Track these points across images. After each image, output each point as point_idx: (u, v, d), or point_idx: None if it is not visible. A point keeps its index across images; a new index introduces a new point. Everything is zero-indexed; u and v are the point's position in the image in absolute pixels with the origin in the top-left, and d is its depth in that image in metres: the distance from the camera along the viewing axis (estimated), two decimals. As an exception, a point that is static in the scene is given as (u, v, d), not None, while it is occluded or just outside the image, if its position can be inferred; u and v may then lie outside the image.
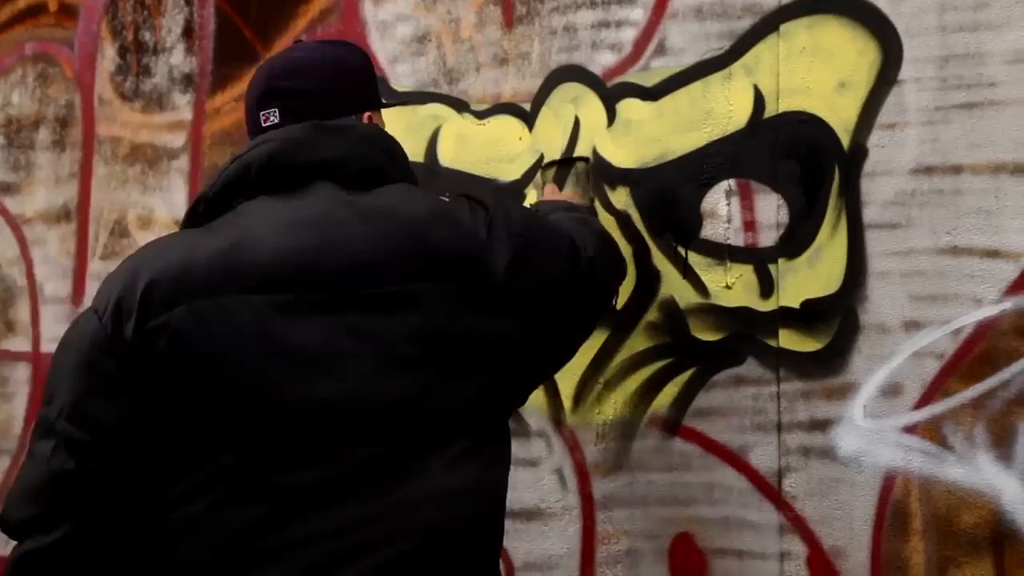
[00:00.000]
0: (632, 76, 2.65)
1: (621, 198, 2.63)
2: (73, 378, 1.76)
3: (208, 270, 1.74)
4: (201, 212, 1.88)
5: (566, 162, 2.71)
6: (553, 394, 2.69)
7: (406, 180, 1.94)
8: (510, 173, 2.77)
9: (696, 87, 2.57)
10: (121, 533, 1.75)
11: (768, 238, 2.48)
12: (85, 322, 1.80)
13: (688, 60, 2.58)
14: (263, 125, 1.92)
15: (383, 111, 2.07)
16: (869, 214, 2.38)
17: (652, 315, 2.58)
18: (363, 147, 1.88)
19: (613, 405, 2.62)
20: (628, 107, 2.64)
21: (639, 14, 2.65)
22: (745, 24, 2.52)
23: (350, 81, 1.98)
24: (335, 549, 1.69)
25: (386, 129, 2.02)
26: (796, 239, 2.44)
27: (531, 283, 1.87)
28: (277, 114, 1.91)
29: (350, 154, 1.86)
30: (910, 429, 2.31)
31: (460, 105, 2.86)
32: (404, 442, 1.73)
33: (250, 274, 1.74)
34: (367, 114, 2.00)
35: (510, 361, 1.86)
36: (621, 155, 2.64)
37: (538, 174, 2.74)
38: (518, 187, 2.75)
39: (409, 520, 1.71)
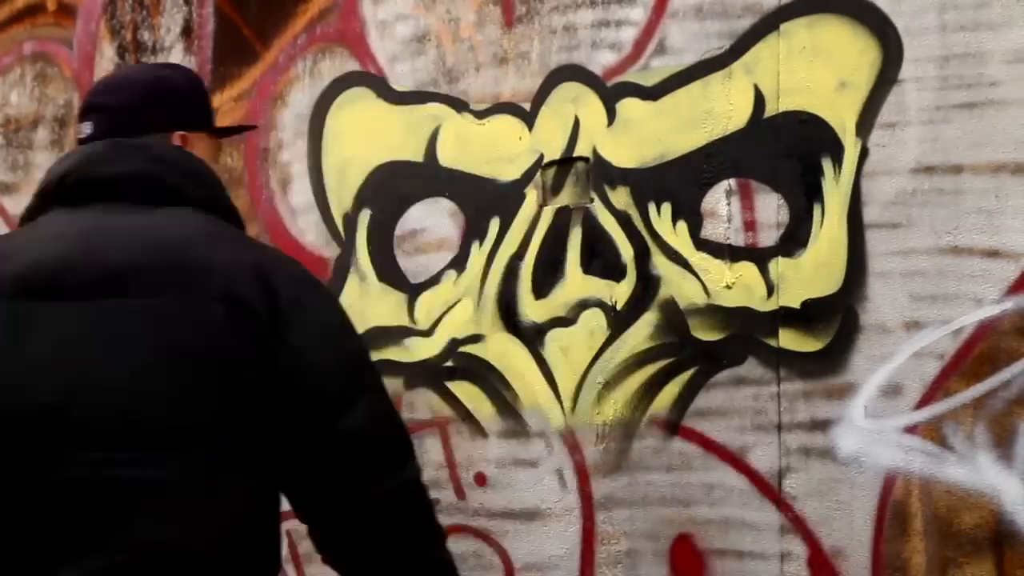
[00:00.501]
0: (632, 75, 2.64)
1: (621, 198, 2.63)
2: None
3: None
4: (24, 217, 1.96)
5: (566, 162, 2.71)
6: (553, 394, 2.69)
7: (208, 205, 1.93)
8: (510, 173, 2.77)
9: (696, 86, 2.56)
10: None
11: (768, 238, 2.48)
12: None
13: (688, 59, 2.58)
14: (78, 137, 1.99)
15: (390, 111, 2.05)
16: (869, 214, 2.37)
17: (652, 315, 2.58)
18: (156, 166, 1.90)
19: (613, 405, 2.62)
20: (628, 107, 2.64)
21: (639, 13, 2.65)
22: (745, 23, 2.52)
23: (162, 100, 2.00)
24: (54, 557, 1.71)
25: (201, 157, 2.01)
26: (796, 239, 2.44)
27: (291, 329, 1.77)
28: (90, 127, 1.96)
29: (140, 172, 1.89)
30: (910, 429, 2.31)
31: (460, 105, 2.85)
32: (131, 449, 1.73)
33: (7, 282, 1.80)
34: (179, 136, 1.98)
35: (253, 389, 1.77)
36: (621, 155, 2.64)
37: (538, 174, 2.74)
38: (518, 187, 2.74)
39: (124, 534, 1.70)
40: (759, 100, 2.49)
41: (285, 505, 1.78)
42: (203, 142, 2.05)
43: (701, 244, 2.54)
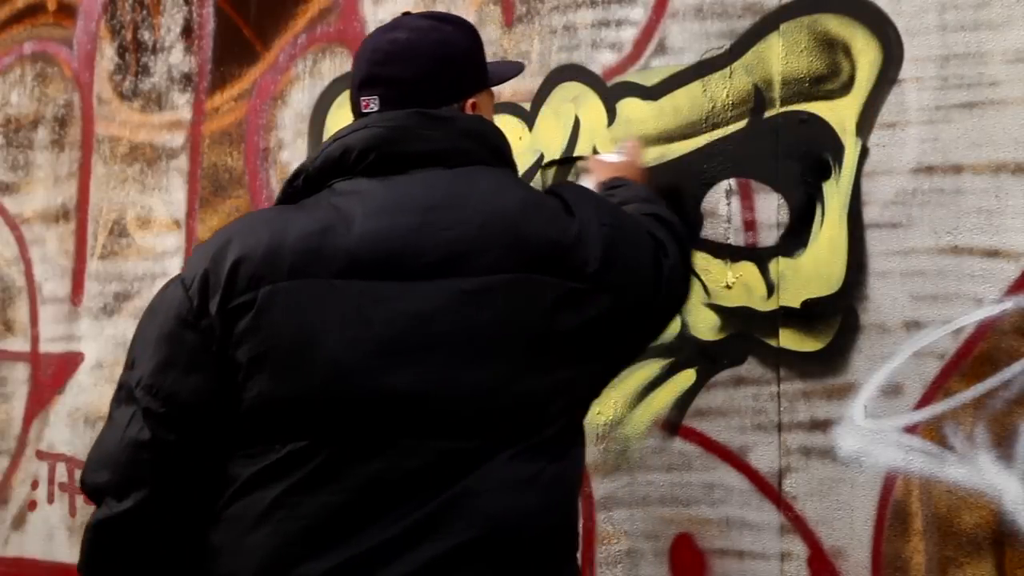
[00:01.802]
0: (632, 75, 2.64)
1: (621, 198, 2.63)
2: (155, 347, 1.77)
3: (297, 251, 1.73)
4: (299, 187, 1.86)
5: (566, 162, 2.71)
6: (553, 394, 2.69)
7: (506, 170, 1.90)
8: (510, 173, 2.76)
9: (696, 86, 2.56)
10: (191, 507, 1.76)
11: (768, 238, 2.48)
12: (172, 291, 1.80)
13: (688, 59, 2.58)
14: (363, 111, 1.90)
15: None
16: (869, 214, 2.37)
17: (652, 315, 2.58)
18: (465, 142, 1.84)
19: (613, 405, 2.62)
20: (628, 106, 2.64)
21: (639, 13, 2.65)
22: (745, 23, 2.52)
23: (452, 67, 1.91)
24: (396, 540, 1.67)
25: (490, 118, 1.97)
26: (796, 238, 2.44)
27: (619, 278, 1.83)
28: (378, 102, 1.87)
29: (451, 148, 1.82)
30: (911, 429, 2.31)
31: (460, 104, 2.85)
32: (478, 436, 1.71)
33: (339, 258, 1.72)
34: (471, 103, 1.93)
35: (592, 357, 1.82)
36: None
37: (538, 174, 2.74)
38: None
39: (470, 510, 1.69)
40: (759, 100, 2.49)
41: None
42: (486, 98, 1.99)
43: (701, 244, 2.54)
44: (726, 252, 2.52)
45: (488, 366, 1.71)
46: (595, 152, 2.66)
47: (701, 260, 2.54)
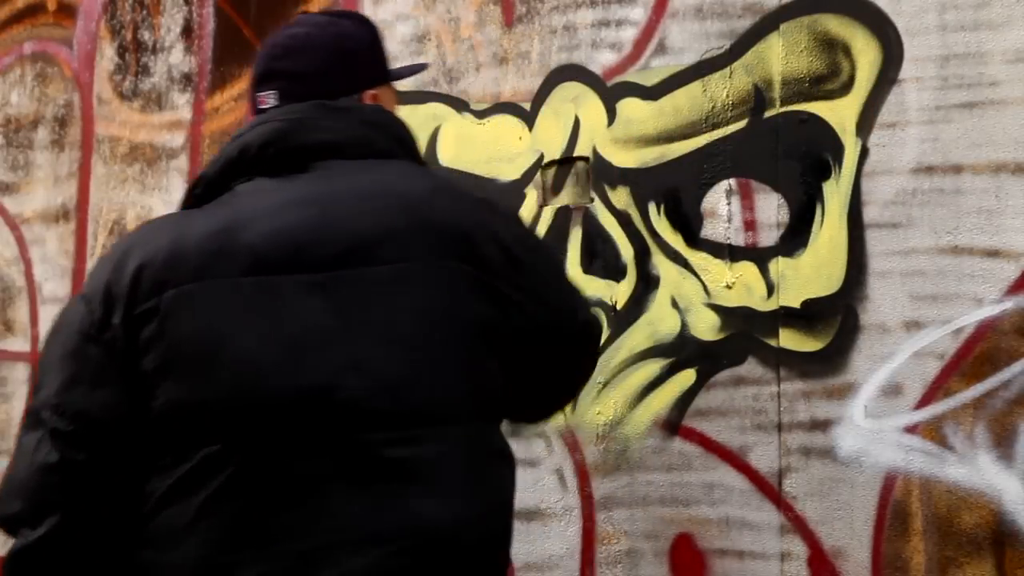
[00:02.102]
0: (632, 75, 2.64)
1: (621, 198, 2.63)
2: (59, 366, 1.71)
3: (199, 253, 1.68)
4: (200, 193, 1.81)
5: (566, 162, 2.71)
6: (553, 394, 2.69)
7: (411, 161, 1.87)
8: (510, 173, 2.76)
9: (696, 86, 2.56)
10: (109, 528, 1.70)
11: (768, 237, 2.48)
12: (74, 308, 1.75)
13: (688, 59, 2.58)
14: (259, 107, 1.86)
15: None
16: (869, 213, 2.37)
17: (652, 315, 2.58)
18: (366, 130, 1.81)
19: (613, 405, 2.62)
20: (628, 107, 2.64)
21: (639, 13, 2.65)
22: (745, 23, 2.52)
23: (351, 60, 1.89)
24: (326, 546, 1.62)
25: (391, 109, 1.94)
26: (796, 238, 2.44)
27: (530, 285, 1.78)
28: (276, 96, 1.84)
29: (351, 138, 1.79)
30: (911, 429, 2.30)
31: (460, 105, 2.85)
32: (399, 428, 1.64)
33: (243, 255, 1.67)
34: (371, 95, 1.91)
35: (506, 352, 1.75)
36: (621, 155, 2.64)
37: (538, 174, 2.74)
38: (518, 187, 2.74)
39: (402, 514, 1.63)
40: (759, 100, 2.49)
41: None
42: (388, 93, 1.97)
43: (701, 244, 2.54)
44: (726, 252, 2.51)
45: (407, 358, 1.66)
46: (595, 153, 2.67)
47: (701, 260, 2.54)
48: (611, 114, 2.66)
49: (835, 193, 2.40)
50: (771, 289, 2.46)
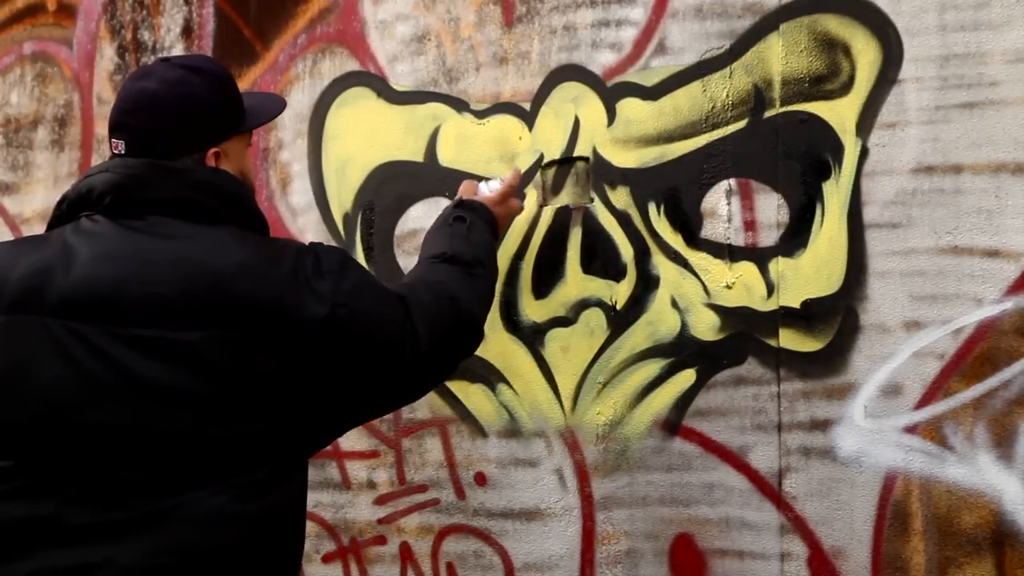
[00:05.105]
0: (632, 75, 2.64)
1: (621, 198, 2.63)
2: None
3: (18, 288, 1.87)
4: (63, 213, 2.00)
5: (566, 162, 2.71)
6: (553, 394, 2.69)
7: (243, 223, 2.00)
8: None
9: (696, 86, 2.56)
10: None
11: (768, 238, 2.48)
12: None
13: (688, 59, 2.58)
14: (113, 151, 2.02)
15: (390, 111, 2.07)
16: (869, 214, 2.37)
17: (652, 315, 2.58)
18: (191, 193, 1.95)
19: (613, 405, 2.62)
20: (628, 107, 2.64)
21: (639, 13, 2.65)
22: (745, 23, 2.52)
23: (193, 120, 2.02)
24: (92, 557, 1.79)
25: (228, 172, 2.05)
26: (796, 239, 2.44)
27: (340, 343, 1.94)
28: (123, 146, 1.99)
29: (178, 199, 1.94)
30: (911, 429, 2.31)
31: (460, 105, 2.85)
32: (174, 471, 1.82)
33: (54, 298, 1.85)
34: (213, 154, 2.03)
35: (294, 406, 1.93)
36: (621, 155, 2.64)
37: (538, 174, 2.74)
38: (518, 187, 2.74)
39: (160, 538, 1.80)
40: (759, 100, 2.49)
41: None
42: (236, 144, 2.10)
43: (701, 244, 2.54)
44: (726, 252, 2.52)
45: (187, 410, 1.83)
46: (595, 153, 2.67)
47: (701, 260, 2.54)
48: (611, 114, 2.66)
49: (835, 193, 2.41)
50: (771, 289, 2.46)
